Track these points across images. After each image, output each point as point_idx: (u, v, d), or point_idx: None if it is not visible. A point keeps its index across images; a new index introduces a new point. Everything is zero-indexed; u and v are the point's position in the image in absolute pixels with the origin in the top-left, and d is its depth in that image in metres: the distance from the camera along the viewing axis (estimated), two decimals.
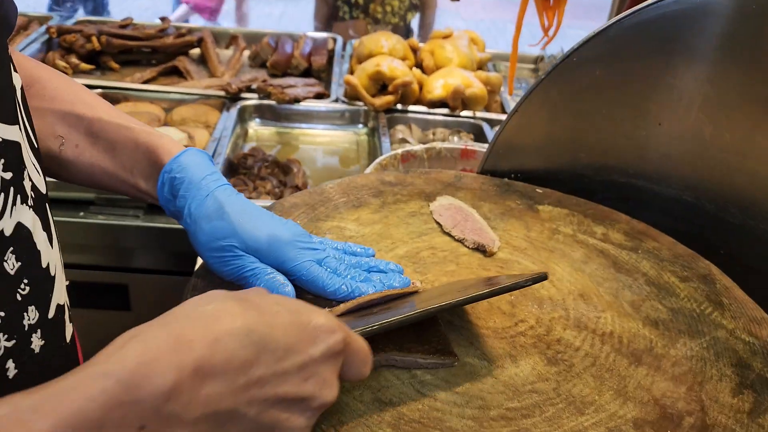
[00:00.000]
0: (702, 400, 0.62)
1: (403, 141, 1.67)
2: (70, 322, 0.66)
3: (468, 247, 0.82)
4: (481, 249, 0.81)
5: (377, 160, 1.22)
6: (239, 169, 1.50)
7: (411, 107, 1.83)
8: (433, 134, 1.74)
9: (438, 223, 0.86)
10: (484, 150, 1.27)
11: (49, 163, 0.73)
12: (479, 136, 1.77)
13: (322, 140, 1.79)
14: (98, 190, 0.85)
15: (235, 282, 0.68)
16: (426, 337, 0.65)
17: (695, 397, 0.63)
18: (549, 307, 0.73)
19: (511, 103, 1.92)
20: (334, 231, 0.83)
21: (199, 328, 0.41)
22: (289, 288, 0.66)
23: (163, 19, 2.12)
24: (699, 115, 0.90)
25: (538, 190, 0.98)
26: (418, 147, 1.26)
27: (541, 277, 0.63)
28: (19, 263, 0.52)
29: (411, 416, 0.58)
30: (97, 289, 1.45)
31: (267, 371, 0.43)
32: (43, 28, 2.01)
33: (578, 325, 0.71)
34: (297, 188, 1.41)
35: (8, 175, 0.51)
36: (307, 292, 0.69)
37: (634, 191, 1.00)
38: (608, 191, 1.02)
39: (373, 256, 0.77)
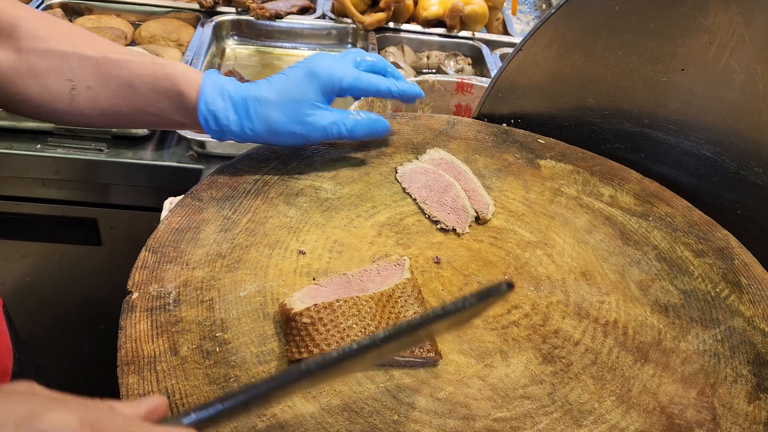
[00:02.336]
0: (714, 407, 0.55)
1: (395, 65, 1.52)
2: None
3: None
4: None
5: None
6: None
7: (404, 26, 1.67)
8: (428, 57, 1.59)
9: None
10: (482, 84, 1.15)
11: (62, 113, 0.68)
12: (478, 59, 1.63)
13: None
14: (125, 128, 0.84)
15: (341, 137, 0.73)
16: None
17: (707, 404, 0.56)
18: (547, 290, 0.65)
19: (514, 23, 1.76)
20: (307, 191, 0.73)
21: None
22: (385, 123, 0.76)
23: None
24: (730, 62, 0.78)
25: (540, 140, 0.87)
26: (409, 79, 1.14)
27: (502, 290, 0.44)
28: None
29: (385, 430, 0.50)
30: (64, 223, 1.36)
31: None
32: None
33: (579, 312, 0.63)
34: None
35: None
36: None
37: (648, 142, 0.89)
38: (618, 141, 0.91)
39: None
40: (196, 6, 1.63)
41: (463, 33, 1.67)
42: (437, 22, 1.68)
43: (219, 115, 0.69)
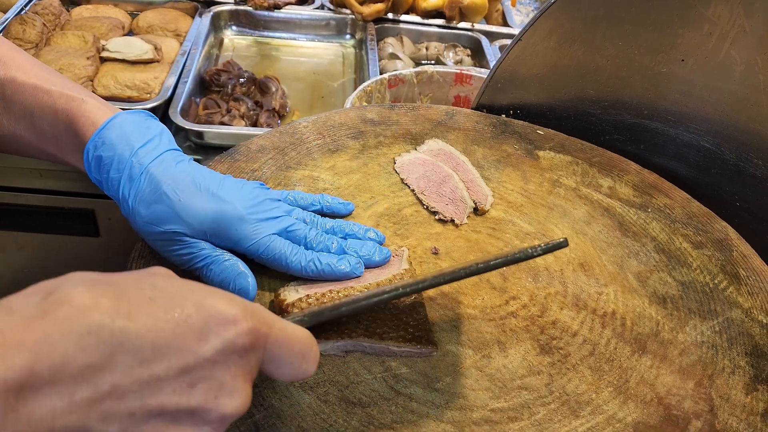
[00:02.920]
0: (712, 398, 0.55)
1: (393, 56, 1.52)
2: None
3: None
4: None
5: (361, 87, 1.10)
6: (211, 87, 1.36)
7: (403, 17, 1.66)
8: (426, 48, 1.59)
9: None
10: (481, 75, 1.15)
11: None
12: (477, 51, 1.62)
13: (304, 52, 1.63)
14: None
15: (192, 272, 0.58)
16: (403, 320, 0.57)
17: (704, 395, 0.56)
18: (545, 281, 0.65)
19: (513, 15, 1.75)
20: (305, 182, 0.73)
21: (19, 326, 0.30)
22: (251, 279, 0.56)
23: None
24: (730, 52, 0.77)
25: (539, 131, 0.87)
26: (408, 71, 1.13)
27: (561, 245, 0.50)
28: None
29: (382, 420, 0.50)
30: (62, 214, 1.36)
31: (126, 378, 0.32)
32: None
33: (577, 303, 0.63)
34: (274, 111, 1.29)
35: None
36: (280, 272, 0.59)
37: (647, 133, 0.89)
38: (618, 132, 0.91)
39: (352, 211, 0.68)
40: None
41: (462, 24, 1.67)
42: (436, 13, 1.68)
43: (102, 164, 0.56)
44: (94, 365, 0.31)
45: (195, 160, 1.22)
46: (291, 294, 0.56)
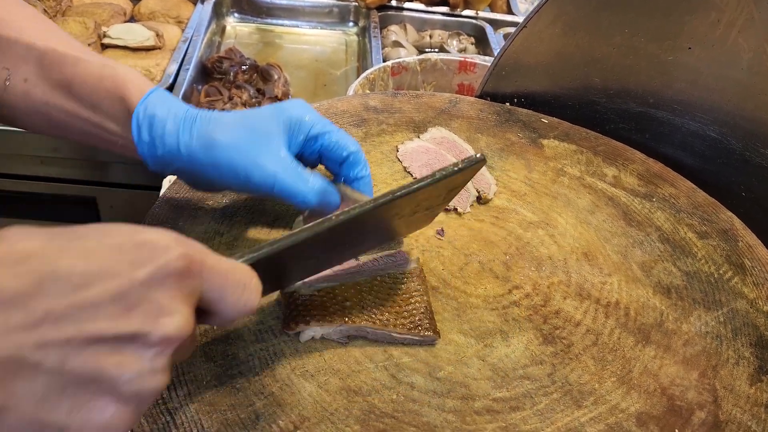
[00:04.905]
0: (715, 389, 0.55)
1: (397, 44, 1.51)
2: None
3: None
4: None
5: (364, 74, 1.09)
6: (213, 74, 1.36)
7: (406, 4, 1.65)
8: (430, 36, 1.57)
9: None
10: (485, 63, 1.14)
11: None
12: (481, 39, 1.61)
13: (307, 39, 1.62)
14: (55, 137, 0.70)
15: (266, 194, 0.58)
16: (406, 308, 0.56)
17: (708, 386, 0.55)
18: (548, 270, 0.64)
19: (518, 3, 1.74)
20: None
21: None
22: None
23: None
24: (738, 40, 0.76)
25: (543, 119, 0.86)
26: (411, 59, 1.12)
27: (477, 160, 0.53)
28: None
29: (383, 409, 0.50)
30: (63, 202, 1.36)
31: (58, 304, 0.32)
32: None
33: (580, 292, 0.62)
34: (276, 99, 1.28)
35: None
36: None
37: (653, 122, 0.88)
38: (623, 121, 0.90)
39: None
40: None
41: (466, 12, 1.65)
42: (440, 0, 1.66)
43: (156, 121, 0.58)
44: (26, 292, 0.32)
45: None
46: (297, 285, 0.56)
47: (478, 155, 0.53)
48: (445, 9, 1.65)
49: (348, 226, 0.47)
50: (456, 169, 0.51)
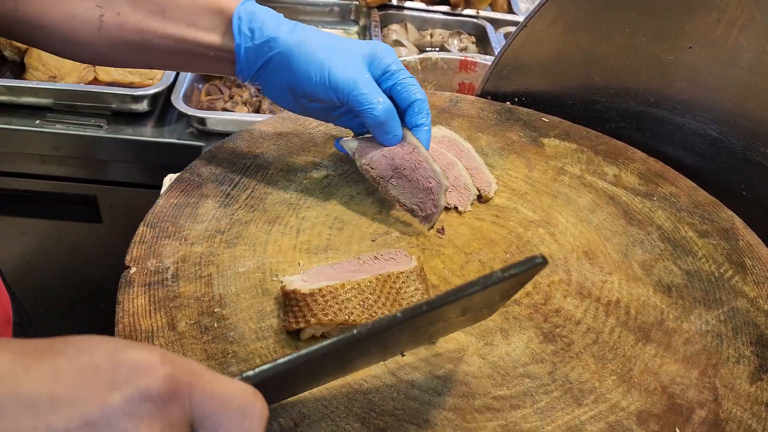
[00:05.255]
0: (716, 387, 0.55)
1: (397, 43, 1.51)
2: None
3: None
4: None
5: None
6: None
7: (407, 3, 1.65)
8: (431, 36, 1.57)
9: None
10: (486, 62, 1.14)
11: (87, 45, 0.65)
12: (482, 38, 1.61)
13: None
14: (147, 68, 0.80)
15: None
16: (406, 306, 0.56)
17: (708, 384, 0.55)
18: (549, 269, 0.64)
19: (519, 2, 1.74)
20: (308, 168, 0.72)
21: None
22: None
23: None
24: (738, 40, 0.76)
25: (543, 118, 0.86)
26: (412, 57, 1.12)
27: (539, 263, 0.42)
28: None
29: (383, 407, 0.50)
30: (64, 200, 1.36)
31: (18, 427, 0.29)
32: None
33: (581, 291, 0.62)
34: None
35: None
36: None
37: (653, 122, 0.88)
38: (623, 120, 0.90)
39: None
40: None
41: (467, 11, 1.65)
42: None
43: (255, 16, 0.63)
44: None
45: (196, 146, 1.22)
46: (298, 284, 0.56)
47: (537, 258, 0.41)
48: (445, 8, 1.65)
49: (373, 338, 0.40)
50: (505, 276, 0.41)
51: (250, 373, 0.37)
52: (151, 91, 1.20)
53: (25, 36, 0.65)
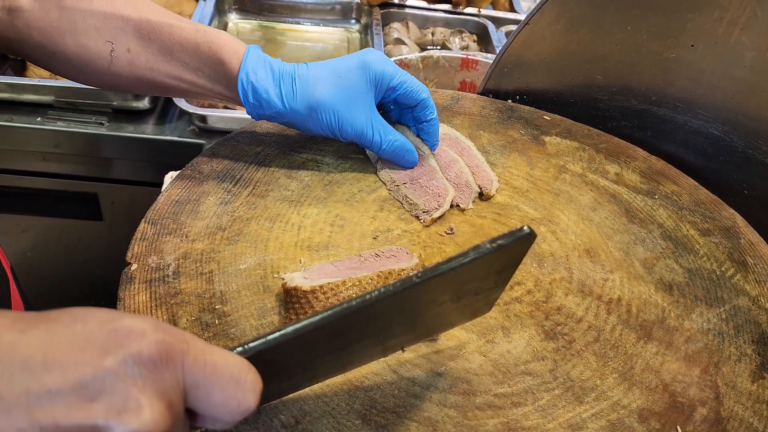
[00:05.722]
0: (717, 385, 0.55)
1: (399, 41, 1.51)
2: None
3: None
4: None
5: None
6: None
7: (409, 1, 1.65)
8: (432, 34, 1.57)
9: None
10: (487, 60, 1.14)
11: (99, 75, 0.67)
12: (483, 37, 1.61)
13: (309, 37, 1.62)
14: (160, 95, 0.81)
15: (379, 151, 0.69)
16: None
17: (710, 382, 0.55)
18: (550, 266, 0.64)
19: (521, 0, 1.73)
20: (309, 164, 0.72)
21: None
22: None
23: None
24: (741, 38, 0.76)
25: (545, 116, 0.86)
26: (413, 56, 1.12)
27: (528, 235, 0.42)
28: None
29: (384, 404, 0.50)
30: (65, 198, 1.36)
31: (10, 390, 0.30)
32: None
33: (582, 289, 0.62)
34: None
35: None
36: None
37: (655, 120, 0.88)
38: (625, 118, 0.90)
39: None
40: None
41: (468, 9, 1.65)
42: None
43: (259, 87, 0.65)
44: None
45: (198, 143, 1.22)
46: (299, 281, 0.56)
47: (524, 228, 0.41)
48: (447, 6, 1.65)
49: (365, 313, 0.40)
50: (493, 246, 0.40)
51: (240, 348, 0.37)
52: None
53: (40, 61, 0.67)
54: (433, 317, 0.48)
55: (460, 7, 1.64)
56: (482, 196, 0.71)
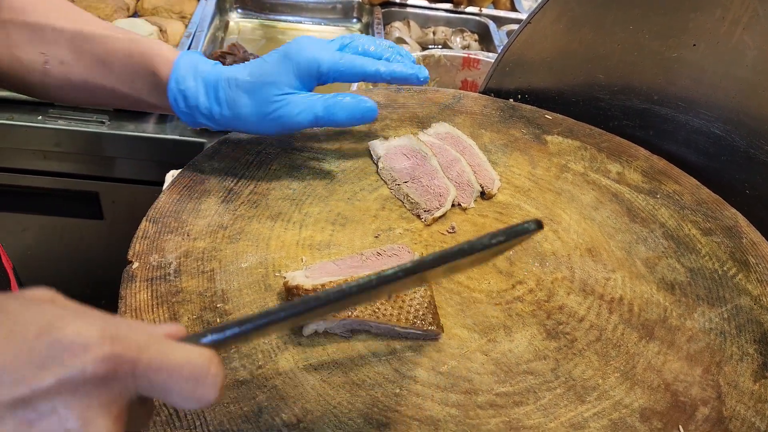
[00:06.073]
0: (719, 385, 0.55)
1: (400, 40, 1.50)
2: None
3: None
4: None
5: None
6: None
7: (410, 1, 1.65)
8: (434, 33, 1.57)
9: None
10: (489, 60, 1.13)
11: (34, 87, 0.66)
12: (484, 36, 1.60)
13: (311, 35, 1.62)
14: (100, 107, 0.77)
15: (316, 123, 0.65)
16: (409, 302, 0.56)
17: (712, 382, 0.55)
18: (552, 266, 0.64)
19: (522, 0, 1.73)
20: (311, 164, 0.72)
21: None
22: (369, 102, 0.66)
23: None
24: (743, 37, 0.76)
25: (547, 116, 0.86)
26: (414, 54, 1.12)
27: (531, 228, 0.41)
28: None
29: (386, 403, 0.50)
30: (66, 196, 1.36)
31: None
32: None
33: (584, 288, 0.62)
34: None
35: None
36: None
37: (657, 119, 0.88)
38: (627, 118, 0.90)
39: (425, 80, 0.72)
40: None
41: (470, 9, 1.65)
42: None
43: (189, 95, 0.64)
44: None
45: (199, 142, 1.21)
46: (301, 279, 0.56)
47: (529, 224, 0.40)
48: (448, 6, 1.65)
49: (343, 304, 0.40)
50: (495, 241, 0.40)
51: (209, 336, 0.36)
52: None
53: None
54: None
55: (462, 6, 1.64)
56: (484, 195, 0.71)
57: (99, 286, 1.48)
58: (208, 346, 0.35)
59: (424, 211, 0.67)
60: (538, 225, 0.40)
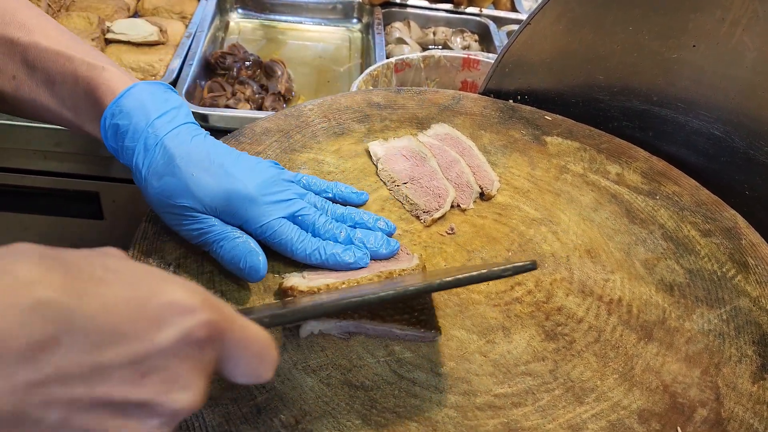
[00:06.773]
0: (718, 386, 0.55)
1: (400, 41, 1.50)
2: None
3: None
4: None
5: (368, 71, 1.08)
6: (217, 70, 1.35)
7: (410, 1, 1.64)
8: (434, 33, 1.57)
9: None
10: (489, 60, 1.13)
11: None
12: (485, 36, 1.60)
13: (311, 36, 1.62)
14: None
15: (202, 248, 0.58)
16: (407, 303, 0.56)
17: (710, 383, 0.55)
18: (551, 267, 0.64)
19: (522, 0, 1.73)
20: (310, 164, 0.72)
21: None
22: (262, 258, 0.55)
23: None
24: (742, 38, 0.76)
25: (546, 117, 0.86)
26: (414, 55, 1.12)
27: (528, 267, 0.47)
28: None
29: (385, 404, 0.50)
30: (66, 196, 1.36)
31: (73, 362, 0.29)
32: None
33: (583, 289, 0.62)
34: (280, 95, 1.28)
35: None
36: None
37: (656, 120, 0.88)
38: (626, 119, 0.90)
39: (366, 201, 0.68)
40: None
41: (470, 9, 1.65)
42: None
43: (119, 131, 0.56)
44: (38, 345, 0.28)
45: None
46: (297, 281, 0.56)
47: (529, 263, 0.46)
48: (448, 6, 1.65)
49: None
50: (500, 271, 0.47)
51: (266, 318, 0.41)
52: None
53: None
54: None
55: (462, 6, 1.64)
56: (483, 196, 0.71)
57: None
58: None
59: (423, 212, 0.67)
60: (533, 265, 0.47)
